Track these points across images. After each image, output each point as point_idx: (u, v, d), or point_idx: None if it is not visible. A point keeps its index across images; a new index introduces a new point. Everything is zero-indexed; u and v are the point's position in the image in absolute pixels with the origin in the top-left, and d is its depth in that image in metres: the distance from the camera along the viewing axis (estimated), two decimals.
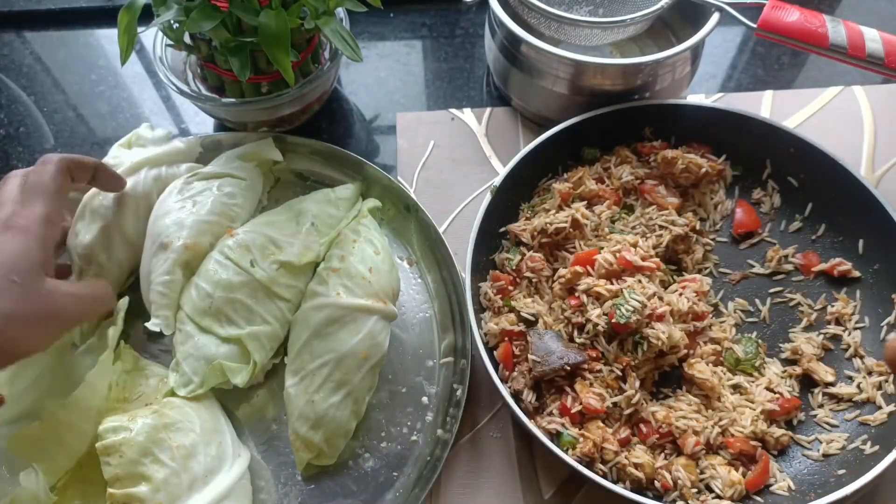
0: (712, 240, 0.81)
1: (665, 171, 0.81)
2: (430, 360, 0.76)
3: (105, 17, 1.06)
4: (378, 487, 0.69)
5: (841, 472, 0.64)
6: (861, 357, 0.72)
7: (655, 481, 0.64)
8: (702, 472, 0.65)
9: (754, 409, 0.68)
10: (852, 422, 0.68)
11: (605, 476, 0.63)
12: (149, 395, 0.70)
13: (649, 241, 0.75)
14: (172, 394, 0.69)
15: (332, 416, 0.68)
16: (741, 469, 0.65)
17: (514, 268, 0.75)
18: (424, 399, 0.74)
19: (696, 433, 0.65)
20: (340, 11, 0.84)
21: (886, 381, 0.69)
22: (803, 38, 0.75)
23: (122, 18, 0.74)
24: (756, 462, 0.65)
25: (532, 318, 0.71)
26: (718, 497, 0.63)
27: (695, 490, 0.64)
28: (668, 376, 0.72)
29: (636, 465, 0.64)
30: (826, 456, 0.67)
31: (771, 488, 0.65)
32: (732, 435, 0.66)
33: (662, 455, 0.66)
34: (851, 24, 0.75)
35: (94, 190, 0.77)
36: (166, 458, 0.62)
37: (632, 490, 0.62)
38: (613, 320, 0.66)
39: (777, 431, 0.67)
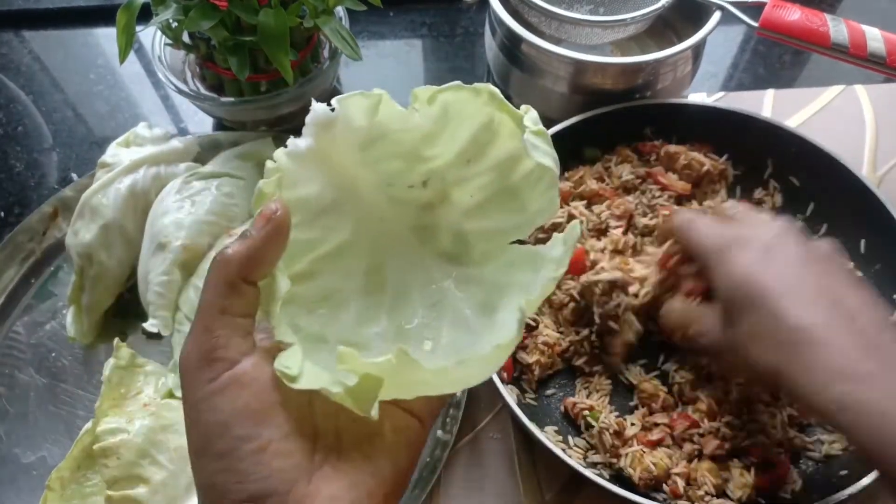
0: None
1: (667, 167, 0.80)
2: None
3: (104, 16, 1.05)
4: None
5: (843, 472, 0.63)
6: None
7: (665, 484, 0.63)
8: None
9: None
10: None
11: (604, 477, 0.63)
12: (147, 394, 0.70)
13: (651, 242, 0.75)
14: (171, 395, 0.69)
15: None
16: (753, 472, 0.62)
17: None
18: None
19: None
20: (340, 10, 0.84)
21: None
22: (805, 37, 0.75)
23: (120, 17, 0.73)
24: (776, 467, 0.63)
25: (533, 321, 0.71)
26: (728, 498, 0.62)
27: (700, 492, 0.63)
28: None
29: (643, 468, 0.62)
30: (828, 457, 0.66)
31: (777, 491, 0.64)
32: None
33: (679, 454, 0.64)
34: (853, 24, 0.75)
35: (92, 188, 0.76)
36: (164, 460, 0.62)
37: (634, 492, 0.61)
38: None
39: (790, 433, 0.66)
